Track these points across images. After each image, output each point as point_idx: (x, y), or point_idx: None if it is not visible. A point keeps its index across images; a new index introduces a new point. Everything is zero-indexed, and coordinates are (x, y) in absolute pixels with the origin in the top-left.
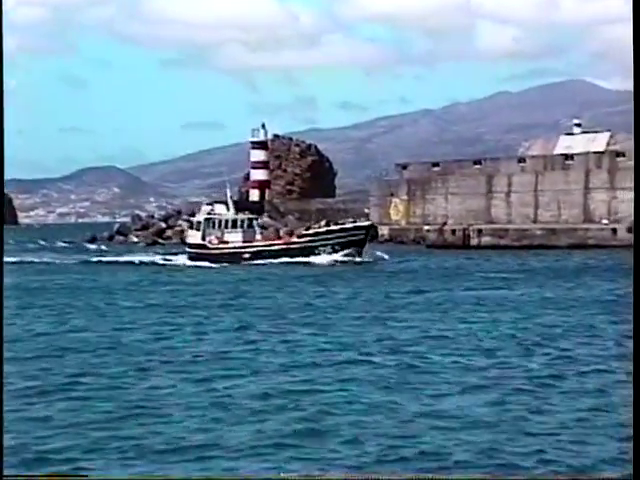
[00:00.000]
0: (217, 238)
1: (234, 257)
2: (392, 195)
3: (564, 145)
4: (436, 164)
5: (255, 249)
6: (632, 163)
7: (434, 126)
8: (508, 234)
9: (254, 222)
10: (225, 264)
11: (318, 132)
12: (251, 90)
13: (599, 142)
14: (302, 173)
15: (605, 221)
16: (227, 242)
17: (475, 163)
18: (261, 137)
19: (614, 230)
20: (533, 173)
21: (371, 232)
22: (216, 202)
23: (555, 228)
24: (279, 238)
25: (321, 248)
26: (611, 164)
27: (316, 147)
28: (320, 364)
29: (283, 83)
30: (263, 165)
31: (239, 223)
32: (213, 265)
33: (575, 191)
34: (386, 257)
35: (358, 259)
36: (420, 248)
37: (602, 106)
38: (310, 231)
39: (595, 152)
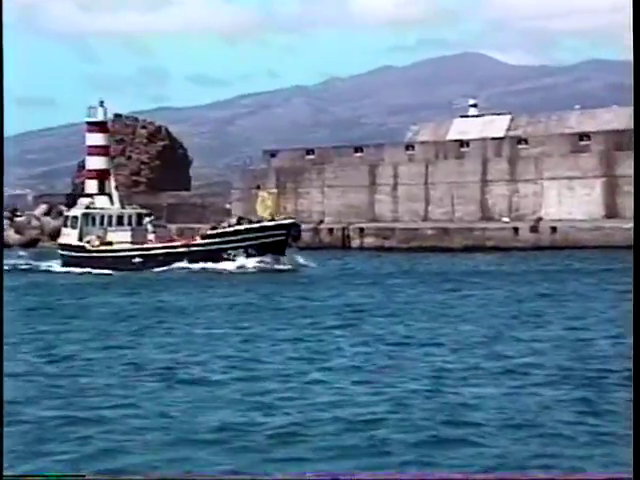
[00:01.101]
0: (98, 238)
1: (121, 262)
2: (258, 188)
3: (458, 129)
4: (310, 151)
5: (147, 252)
6: (536, 151)
7: (308, 106)
8: (394, 234)
9: (145, 218)
10: (109, 271)
11: (169, 111)
12: (86, 59)
13: (498, 126)
14: (150, 161)
15: (505, 219)
16: (111, 243)
17: (356, 150)
18: (99, 117)
19: (515, 230)
20: (423, 162)
21: (293, 232)
22: (97, 194)
23: (448, 227)
24: (176, 238)
25: (231, 252)
26: (512, 152)
27: (167, 130)
28: None
29: (125, 51)
30: (102, 150)
31: (126, 219)
32: (94, 271)
33: (471, 184)
34: (312, 264)
35: (278, 266)
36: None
37: (501, 84)
38: (217, 231)
39: (493, 138)
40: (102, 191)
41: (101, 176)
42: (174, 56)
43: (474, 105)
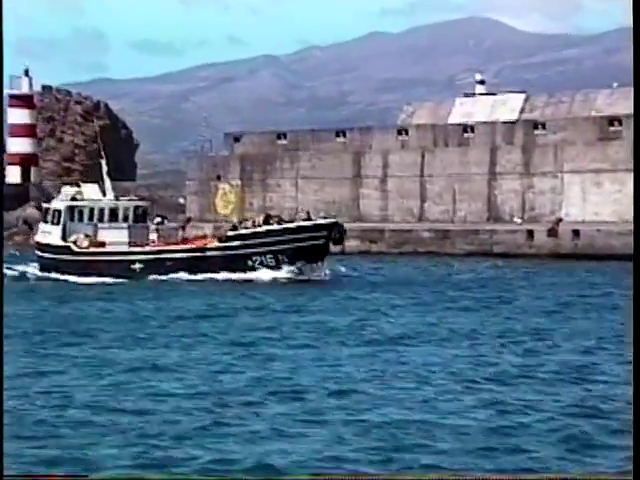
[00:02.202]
0: (87, 238)
1: (116, 268)
2: (219, 179)
3: (461, 111)
4: (282, 135)
5: (151, 257)
6: (555, 138)
7: (279, 80)
8: (384, 237)
9: (146, 213)
10: (103, 278)
11: (109, 84)
12: (6, 19)
13: (510, 107)
14: (86, 144)
15: (518, 220)
16: (103, 244)
17: (338, 134)
18: (24, 89)
19: (530, 233)
20: (418, 150)
21: (336, 235)
22: (84, 181)
23: (448, 229)
24: (187, 240)
25: (257, 258)
26: (526, 139)
27: (107, 106)
28: None
29: (54, 11)
30: (27, 130)
31: (121, 214)
32: (80, 280)
33: (476, 177)
34: (354, 273)
35: (315, 275)
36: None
37: (514, 56)
38: (241, 231)
39: (505, 122)
40: (26, 179)
41: (25, 161)
42: (114, 17)
43: (481, 82)
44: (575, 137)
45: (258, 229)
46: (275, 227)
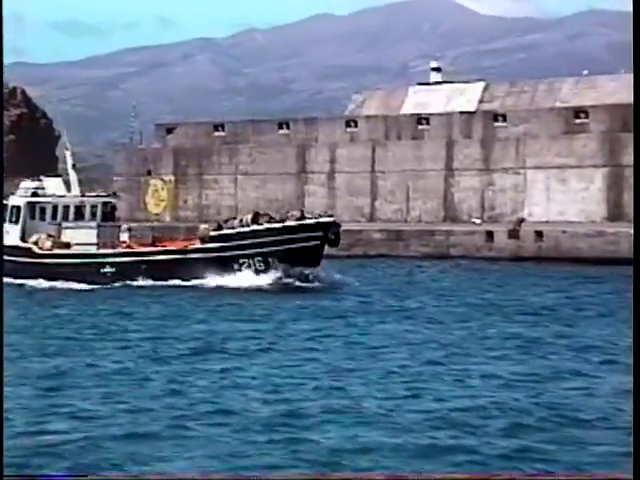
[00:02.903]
0: (50, 238)
1: (84, 272)
2: (149, 174)
3: (416, 101)
4: (220, 126)
5: (123, 259)
6: (517, 131)
7: (216, 65)
8: None
9: (115, 209)
10: (69, 283)
11: (27, 68)
12: None
13: (468, 97)
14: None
15: (477, 220)
16: (69, 245)
17: (281, 126)
18: None
19: (489, 234)
20: (369, 143)
21: (331, 235)
22: (47, 175)
23: (402, 230)
24: (163, 240)
25: (244, 261)
26: (486, 132)
27: (24, 93)
28: None
29: None
30: None
31: (88, 211)
32: (45, 285)
33: (432, 173)
34: (350, 280)
35: (307, 282)
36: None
37: (473, 41)
38: (226, 230)
39: (462, 113)
40: None
41: None
42: None
43: (437, 69)
44: (538, 130)
45: (245, 229)
46: (265, 226)
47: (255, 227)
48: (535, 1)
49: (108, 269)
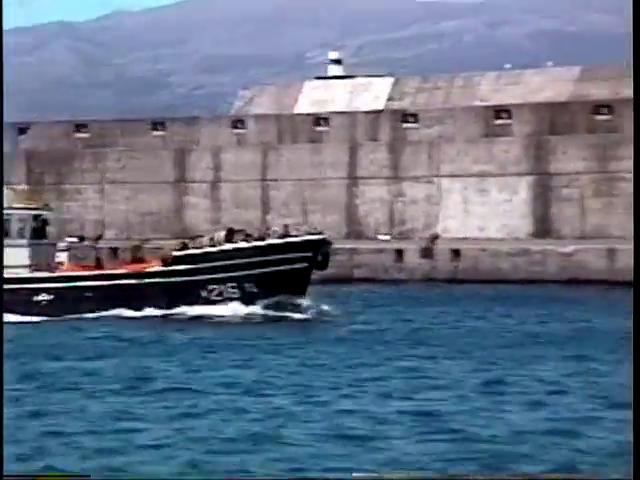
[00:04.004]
0: None
1: (13, 301)
2: None
3: (313, 98)
4: (82, 126)
5: (63, 285)
6: (430, 133)
7: (77, 54)
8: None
9: (47, 224)
10: None
11: None
12: None
13: (374, 94)
14: None
15: (384, 237)
16: None
17: (155, 126)
18: None
19: (399, 253)
20: (259, 147)
21: (321, 256)
22: None
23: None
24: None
25: (214, 288)
26: (394, 134)
27: None
28: None
29: None
30: None
31: (16, 227)
32: None
33: (332, 182)
34: (337, 313)
35: (296, 314)
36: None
37: (379, 28)
38: (190, 251)
39: (368, 112)
40: None
41: None
42: None
43: (337, 61)
44: (454, 132)
45: (216, 248)
46: (240, 245)
47: (228, 246)
48: None
49: (44, 297)
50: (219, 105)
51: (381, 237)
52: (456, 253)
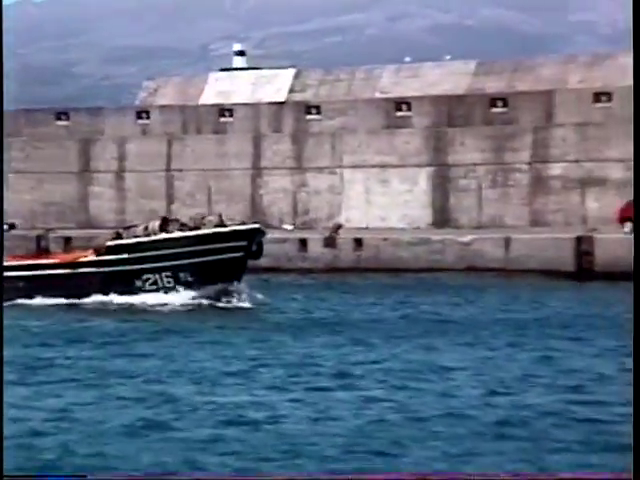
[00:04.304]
0: None
1: None
2: None
3: (217, 89)
4: None
5: None
6: (333, 124)
7: None
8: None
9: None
10: None
11: None
12: None
13: (277, 86)
14: None
15: (288, 226)
16: None
17: (59, 116)
18: None
19: (303, 242)
20: (164, 138)
21: (255, 245)
22: None
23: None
24: (42, 253)
25: (148, 277)
26: (297, 125)
27: None
28: None
29: None
30: None
31: None
32: None
33: (236, 172)
34: (268, 300)
35: (228, 302)
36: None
37: (282, 21)
38: (124, 241)
39: (271, 103)
40: None
41: None
42: None
43: (241, 52)
44: (356, 124)
45: (150, 238)
46: (174, 235)
47: (163, 236)
48: None
49: None
50: (124, 96)
51: (285, 227)
52: (358, 242)
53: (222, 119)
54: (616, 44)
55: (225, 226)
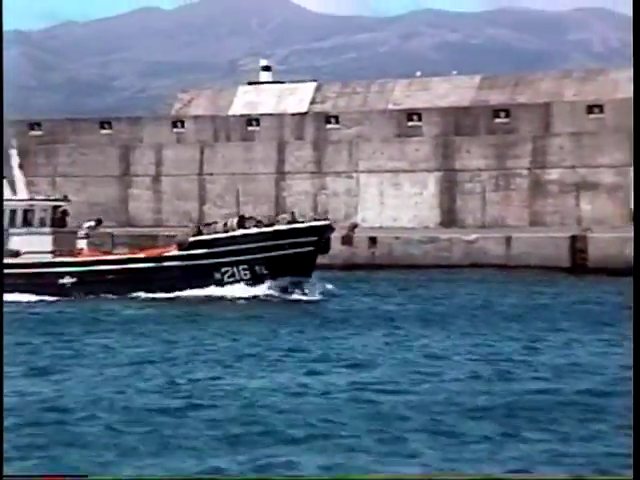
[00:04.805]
0: None
1: (39, 283)
2: None
3: (245, 101)
4: (36, 124)
5: (87, 268)
6: (350, 133)
7: (31, 60)
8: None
9: (66, 214)
10: (23, 296)
11: None
12: None
13: (299, 98)
14: None
15: None
16: (17, 253)
17: (102, 125)
18: None
19: None
20: (196, 145)
21: (323, 241)
22: None
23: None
24: (133, 249)
25: (227, 270)
26: (318, 134)
27: None
28: None
29: None
30: None
31: (37, 216)
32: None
33: (262, 176)
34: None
35: (301, 294)
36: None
37: (304, 39)
38: (205, 237)
39: (294, 114)
40: None
41: None
42: None
43: (267, 68)
44: (371, 132)
45: (229, 234)
46: (251, 231)
47: (241, 232)
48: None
49: (68, 279)
50: (160, 107)
51: None
52: (373, 241)
53: (249, 128)
54: (608, 61)
55: (297, 223)
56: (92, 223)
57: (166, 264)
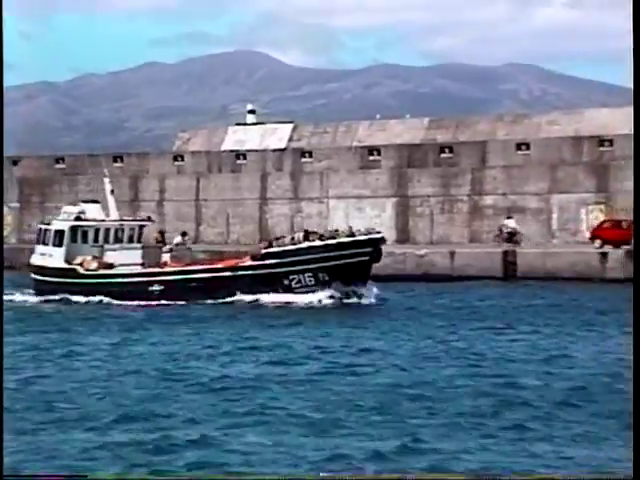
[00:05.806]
0: (95, 259)
1: (132, 291)
2: None
3: (234, 139)
4: (60, 159)
5: (171, 278)
6: (321, 165)
7: (57, 106)
8: None
9: (177, 237)
10: (116, 301)
11: None
12: None
13: (279, 136)
14: None
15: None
16: (112, 266)
17: (115, 160)
18: None
19: None
20: (193, 175)
21: (377, 252)
22: (85, 201)
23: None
24: (211, 260)
25: (294, 277)
26: (294, 166)
27: None
28: None
29: None
30: None
31: (127, 234)
32: (87, 300)
33: (248, 201)
34: (392, 296)
35: (359, 299)
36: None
37: (282, 87)
38: (276, 249)
39: (275, 150)
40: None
41: None
42: None
43: (252, 111)
44: (339, 165)
45: (297, 245)
46: (316, 243)
47: (307, 244)
48: (332, 54)
49: (156, 287)
50: (164, 144)
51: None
52: None
53: (238, 161)
54: (532, 107)
55: (355, 236)
56: (180, 239)
57: (241, 273)
